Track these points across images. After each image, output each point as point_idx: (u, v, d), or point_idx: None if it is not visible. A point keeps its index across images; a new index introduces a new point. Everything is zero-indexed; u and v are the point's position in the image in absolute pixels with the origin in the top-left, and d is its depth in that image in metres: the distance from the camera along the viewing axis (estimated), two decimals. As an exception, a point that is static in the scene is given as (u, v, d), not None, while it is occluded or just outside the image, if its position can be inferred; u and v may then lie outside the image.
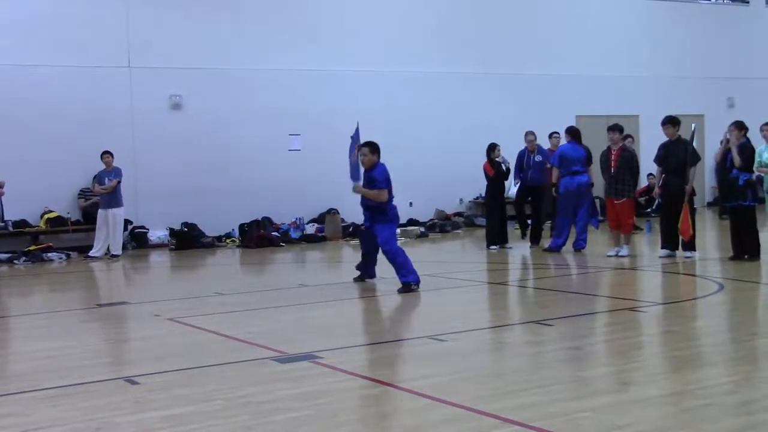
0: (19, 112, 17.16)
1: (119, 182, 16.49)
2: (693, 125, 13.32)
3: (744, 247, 12.36)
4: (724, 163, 12.66)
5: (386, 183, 11.00)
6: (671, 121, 13.16)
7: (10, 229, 16.89)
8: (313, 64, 19.78)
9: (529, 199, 16.29)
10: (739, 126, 12.54)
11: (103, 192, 16.50)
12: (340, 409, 5.62)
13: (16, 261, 16.03)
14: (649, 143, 18.85)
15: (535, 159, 15.98)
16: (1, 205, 15.89)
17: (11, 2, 17.45)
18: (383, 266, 11.32)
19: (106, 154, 16.60)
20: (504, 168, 15.67)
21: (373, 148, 11.19)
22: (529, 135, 16.25)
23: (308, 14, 19.96)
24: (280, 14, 19.61)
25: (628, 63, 23.35)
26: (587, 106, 22.18)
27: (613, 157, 13.64)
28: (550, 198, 15.90)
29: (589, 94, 22.54)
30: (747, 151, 12.46)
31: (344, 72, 20.13)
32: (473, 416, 5.23)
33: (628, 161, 13.62)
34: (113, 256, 16.37)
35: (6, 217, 16.42)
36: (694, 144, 13.30)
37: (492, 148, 15.59)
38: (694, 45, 24.30)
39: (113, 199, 16.46)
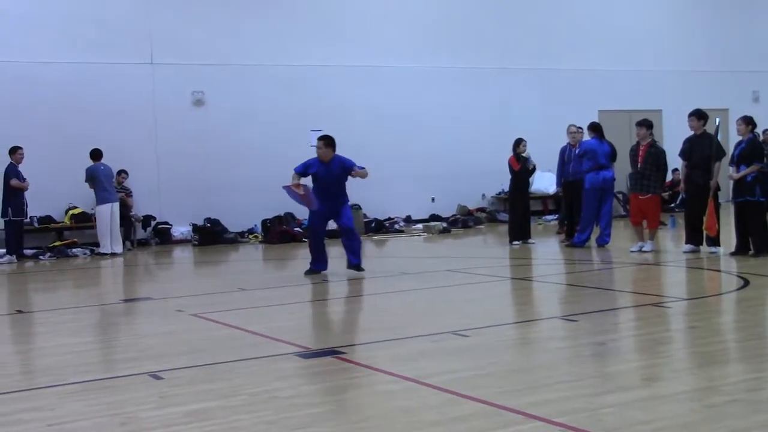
0: (43, 109, 17.28)
1: (85, 181, 16.56)
2: (717, 119, 13.23)
3: (753, 244, 12.27)
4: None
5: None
6: (697, 114, 13.07)
7: (36, 225, 17.02)
8: (336, 60, 19.80)
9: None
10: (747, 121, 12.47)
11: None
12: (364, 404, 5.62)
13: (41, 257, 16.15)
14: (672, 138, 18.72)
15: (576, 153, 15.31)
16: (26, 202, 16.04)
17: (34, 0, 17.57)
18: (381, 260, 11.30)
19: None
20: (530, 167, 15.59)
21: (328, 141, 11.94)
22: (572, 128, 15.83)
23: (331, 10, 19.99)
24: (302, 10, 19.64)
25: (650, 57, 23.22)
26: (609, 101, 22.07)
27: (640, 152, 13.57)
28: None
29: (611, 89, 22.43)
30: (756, 146, 12.38)
31: (367, 68, 20.13)
32: (496, 411, 5.22)
33: (655, 157, 13.51)
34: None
35: (31, 214, 16.56)
36: (719, 138, 13.22)
37: (518, 143, 15.52)
38: (717, 38, 24.11)
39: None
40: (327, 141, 11.94)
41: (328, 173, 11.80)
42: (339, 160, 11.88)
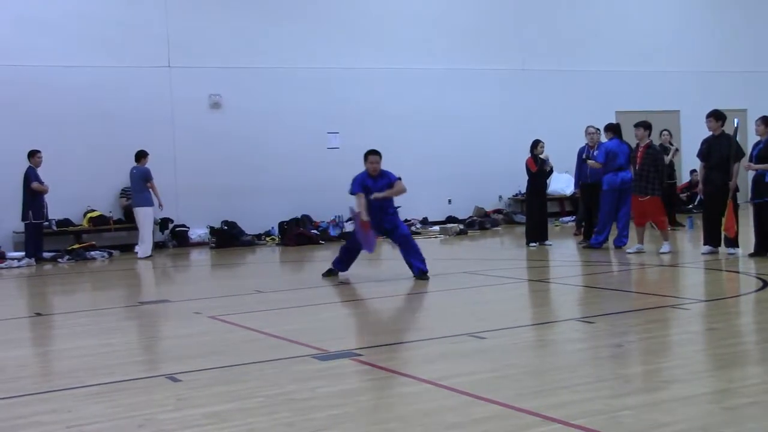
0: (61, 112, 17.37)
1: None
2: (736, 120, 13.16)
3: None
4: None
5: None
6: (715, 115, 13.04)
7: (54, 228, 17.11)
8: (353, 62, 19.82)
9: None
10: (766, 121, 12.40)
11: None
12: (381, 406, 5.62)
13: (59, 259, 16.22)
14: (690, 139, 18.67)
15: (594, 154, 15.11)
16: (45, 205, 16.15)
17: (51, 3, 17.65)
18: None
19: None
20: (548, 168, 15.55)
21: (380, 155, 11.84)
22: (590, 128, 15.68)
23: (348, 12, 20.01)
24: (320, 13, 19.68)
25: (668, 58, 23.11)
26: (627, 102, 21.97)
27: (639, 154, 13.58)
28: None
29: (629, 90, 22.35)
30: None
31: (384, 70, 20.15)
32: (514, 414, 5.21)
33: (653, 158, 13.52)
34: None
35: (50, 217, 16.66)
36: (738, 139, 13.14)
37: (535, 144, 15.47)
38: (735, 39, 23.99)
39: None
40: (380, 155, 11.81)
41: (375, 188, 11.64)
42: (384, 174, 11.75)
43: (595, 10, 22.61)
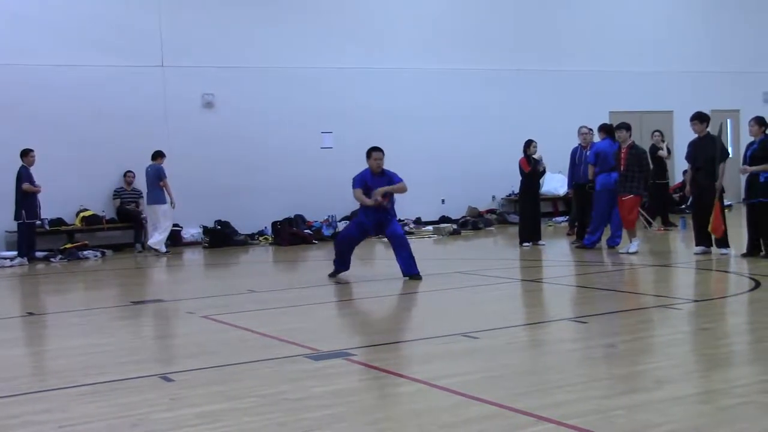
0: (54, 112, 17.33)
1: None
2: (728, 120, 13.18)
3: (764, 245, 12.22)
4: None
5: None
6: (699, 117, 13.12)
7: (47, 227, 17.07)
8: (346, 62, 19.82)
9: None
10: (760, 122, 12.42)
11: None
12: (374, 406, 5.62)
13: (52, 259, 16.19)
14: (683, 139, 18.66)
15: (587, 155, 15.19)
16: (39, 204, 16.11)
17: (45, 3, 17.61)
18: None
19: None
20: (540, 168, 15.58)
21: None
22: (583, 129, 15.77)
23: (341, 12, 20.00)
24: (313, 12, 19.67)
25: (661, 58, 23.15)
26: (621, 102, 22.00)
27: (622, 155, 13.62)
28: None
29: (622, 90, 22.38)
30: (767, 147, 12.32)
31: (377, 70, 20.15)
32: (507, 413, 5.22)
33: (637, 159, 13.58)
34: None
35: (42, 216, 16.62)
36: (723, 140, 13.15)
37: (528, 144, 15.48)
38: (728, 40, 24.04)
39: None
40: (383, 152, 11.76)
41: (375, 186, 11.60)
42: (386, 173, 11.73)
43: (589, 11, 22.64)
